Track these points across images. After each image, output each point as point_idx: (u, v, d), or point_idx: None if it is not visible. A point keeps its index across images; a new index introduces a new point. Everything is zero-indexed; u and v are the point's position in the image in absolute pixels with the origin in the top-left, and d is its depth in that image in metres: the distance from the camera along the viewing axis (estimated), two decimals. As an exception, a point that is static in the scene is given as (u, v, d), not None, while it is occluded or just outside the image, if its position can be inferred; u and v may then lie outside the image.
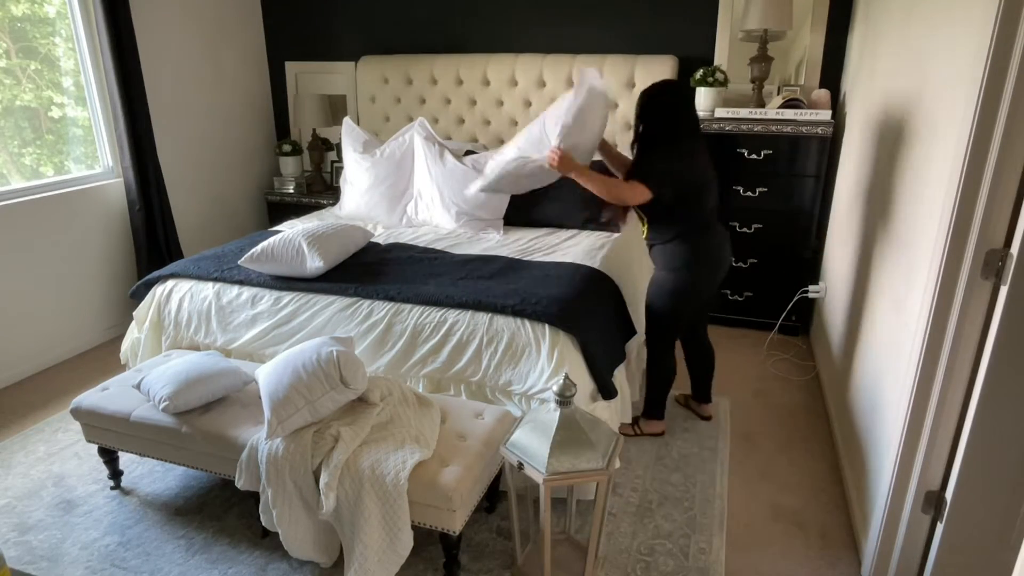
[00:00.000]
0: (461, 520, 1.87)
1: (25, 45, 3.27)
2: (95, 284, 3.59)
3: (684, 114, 2.38)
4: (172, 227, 3.83)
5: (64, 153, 3.50)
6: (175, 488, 2.43)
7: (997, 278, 1.56)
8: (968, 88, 1.58)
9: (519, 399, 2.28)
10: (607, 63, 3.69)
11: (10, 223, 3.13)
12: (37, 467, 2.56)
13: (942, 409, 1.71)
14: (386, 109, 4.25)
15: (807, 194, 3.37)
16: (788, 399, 3.04)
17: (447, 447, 1.96)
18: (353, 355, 1.99)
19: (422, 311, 2.41)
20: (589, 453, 1.75)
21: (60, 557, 2.11)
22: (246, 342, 2.60)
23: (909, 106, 2.15)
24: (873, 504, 2.02)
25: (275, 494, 1.92)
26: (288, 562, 2.06)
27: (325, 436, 1.92)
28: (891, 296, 2.11)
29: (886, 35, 2.60)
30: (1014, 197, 1.52)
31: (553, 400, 1.81)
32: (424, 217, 3.49)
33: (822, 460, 2.60)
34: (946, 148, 1.72)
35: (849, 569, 2.07)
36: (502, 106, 3.99)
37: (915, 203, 1.96)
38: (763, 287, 3.59)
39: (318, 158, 4.43)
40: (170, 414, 2.14)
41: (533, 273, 2.61)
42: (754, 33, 3.41)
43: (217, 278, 2.71)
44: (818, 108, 3.30)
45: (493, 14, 4.02)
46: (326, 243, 2.66)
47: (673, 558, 2.09)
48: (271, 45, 4.58)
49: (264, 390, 1.95)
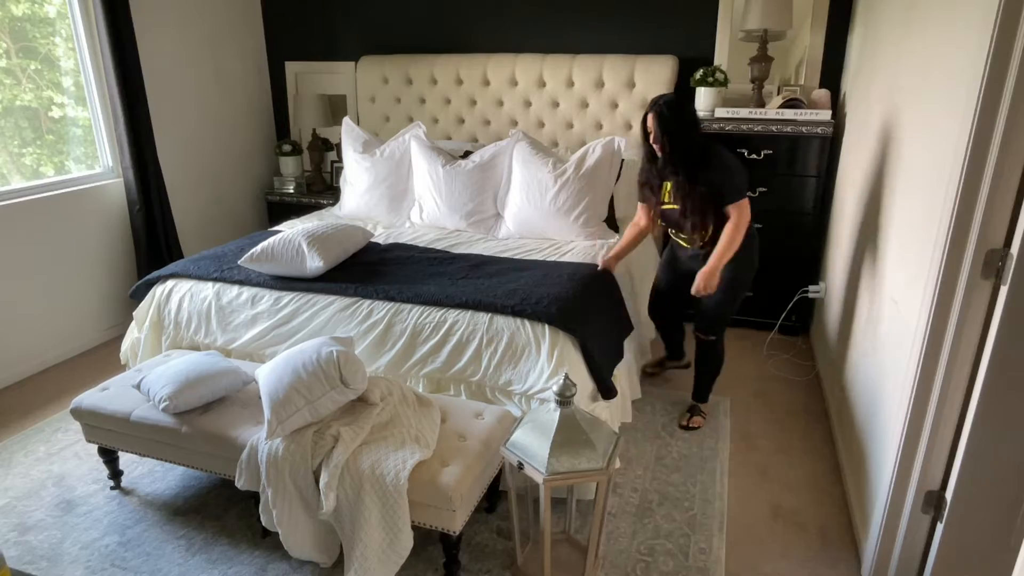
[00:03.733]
0: (461, 520, 1.87)
1: (25, 45, 3.27)
2: (95, 284, 3.59)
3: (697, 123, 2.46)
4: (172, 227, 3.83)
5: (64, 153, 3.50)
6: (175, 488, 2.43)
7: (997, 278, 1.56)
8: (968, 88, 1.58)
9: (519, 399, 2.28)
10: (607, 63, 3.69)
11: (10, 223, 3.13)
12: (37, 467, 2.56)
13: (942, 409, 1.71)
14: (386, 109, 4.25)
15: (807, 194, 3.37)
16: (788, 399, 3.04)
17: (447, 447, 1.96)
18: (353, 355, 1.99)
19: (422, 311, 2.41)
20: (589, 453, 1.75)
21: (60, 557, 2.11)
22: (246, 342, 2.60)
23: (909, 106, 2.15)
24: (873, 504, 2.02)
25: (275, 494, 1.92)
26: (288, 562, 2.06)
27: (325, 436, 1.92)
28: (891, 296, 2.11)
29: (886, 35, 2.60)
30: (1014, 197, 1.52)
31: (553, 400, 1.81)
32: (424, 218, 3.49)
33: (822, 460, 2.60)
34: (946, 148, 1.72)
35: (849, 569, 2.07)
36: (502, 106, 3.99)
37: (915, 203, 1.96)
38: (763, 287, 3.58)
39: (318, 158, 4.43)
40: (170, 414, 2.14)
41: (533, 273, 2.61)
42: (754, 33, 3.41)
43: (217, 278, 2.71)
44: (818, 108, 3.30)
45: (493, 14, 4.02)
46: (326, 243, 2.66)
47: (673, 558, 2.09)
48: (271, 45, 4.58)
49: (264, 390, 1.95)
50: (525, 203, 3.25)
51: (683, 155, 2.41)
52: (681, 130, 2.38)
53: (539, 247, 3.08)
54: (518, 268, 2.70)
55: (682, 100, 2.42)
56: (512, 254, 2.98)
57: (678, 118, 2.37)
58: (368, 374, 2.10)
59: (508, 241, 3.23)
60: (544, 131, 3.93)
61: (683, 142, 2.39)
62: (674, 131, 2.38)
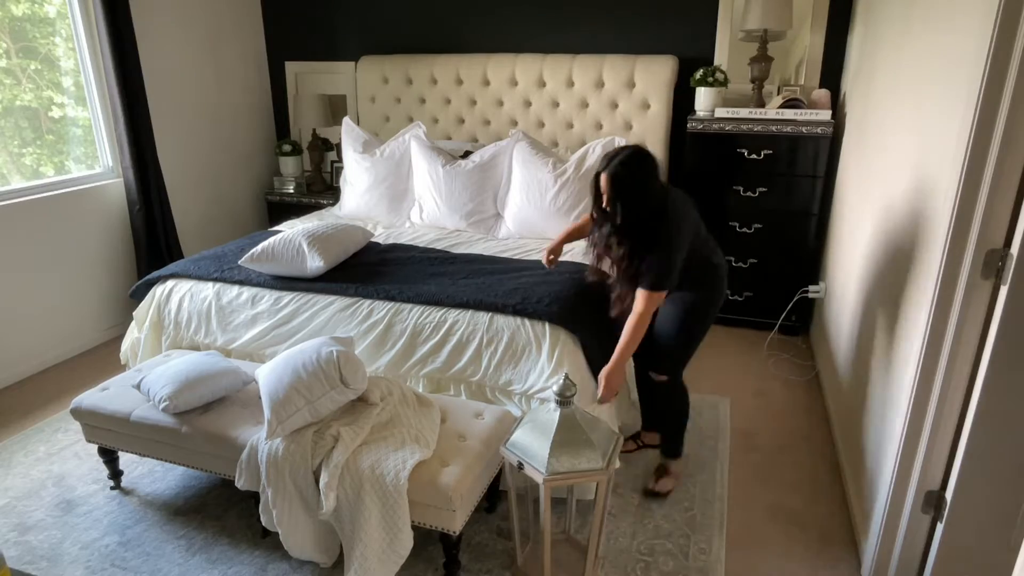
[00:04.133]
0: (461, 520, 1.87)
1: (25, 45, 3.27)
2: (95, 284, 3.59)
3: (657, 181, 2.04)
4: (172, 227, 3.83)
5: (64, 153, 3.50)
6: (175, 488, 2.43)
7: (997, 278, 1.56)
8: (968, 88, 1.58)
9: (519, 399, 2.28)
10: (607, 63, 3.69)
11: (10, 223, 3.13)
12: (37, 467, 2.56)
13: (942, 409, 1.71)
14: (386, 109, 4.25)
15: (807, 194, 3.37)
16: (788, 399, 3.04)
17: (447, 447, 1.96)
18: (353, 355, 1.99)
19: (422, 311, 2.41)
20: (589, 453, 1.75)
21: (60, 557, 2.11)
22: (246, 342, 2.60)
23: (909, 106, 2.15)
24: (873, 504, 2.02)
25: (275, 494, 1.92)
26: (288, 562, 2.06)
27: (325, 436, 1.92)
28: (891, 296, 2.11)
29: (886, 34, 2.60)
30: (1014, 197, 1.52)
31: (553, 400, 1.81)
32: (424, 218, 3.49)
33: (822, 460, 2.60)
34: (946, 148, 1.72)
35: (849, 569, 2.07)
36: (502, 106, 3.99)
37: (915, 203, 1.96)
38: (763, 287, 3.58)
39: (318, 158, 4.43)
40: (170, 414, 2.14)
41: (533, 273, 2.61)
42: (754, 33, 3.41)
43: (217, 278, 2.71)
44: (818, 108, 3.30)
45: (493, 14, 4.02)
46: (326, 243, 2.66)
47: (673, 558, 2.09)
48: (271, 45, 4.58)
49: (264, 390, 1.95)
50: (525, 203, 3.25)
51: (633, 230, 2.03)
52: (637, 198, 2.00)
53: (539, 247, 3.08)
54: (518, 268, 2.70)
55: (641, 159, 2.01)
56: (512, 254, 2.98)
57: (636, 183, 1.99)
58: (368, 374, 2.10)
59: (508, 241, 3.23)
60: (544, 131, 3.93)
61: (637, 213, 2.01)
62: (628, 199, 1.99)
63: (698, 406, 2.89)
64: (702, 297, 2.21)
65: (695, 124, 3.43)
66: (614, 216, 2.03)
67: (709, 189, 3.49)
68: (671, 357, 2.29)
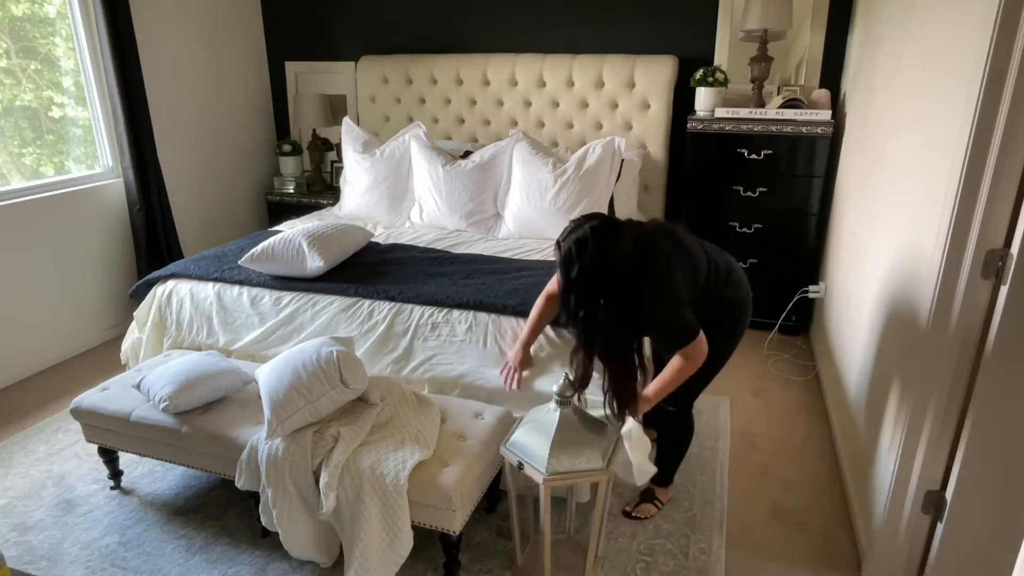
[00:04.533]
0: (461, 520, 1.87)
1: (25, 45, 3.27)
2: (95, 284, 3.59)
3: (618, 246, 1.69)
4: (172, 227, 3.83)
5: (64, 153, 3.50)
6: (175, 488, 2.43)
7: (997, 278, 1.56)
8: (968, 88, 1.58)
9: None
10: (607, 63, 3.69)
11: (10, 223, 3.13)
12: (37, 467, 2.56)
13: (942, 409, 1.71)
14: (386, 109, 4.25)
15: (807, 194, 3.37)
16: (788, 399, 3.04)
17: (447, 447, 1.96)
18: (353, 355, 1.99)
19: (423, 311, 2.41)
20: (589, 453, 1.75)
21: (60, 557, 2.11)
22: (247, 343, 2.60)
23: (909, 106, 2.15)
24: (873, 504, 2.02)
25: (275, 494, 1.92)
26: (288, 562, 2.06)
27: (325, 436, 1.92)
28: (891, 296, 2.11)
29: (886, 35, 2.60)
30: (1014, 197, 1.52)
31: (553, 400, 1.81)
32: (424, 218, 3.49)
33: (822, 460, 2.60)
34: (946, 148, 1.72)
35: (849, 569, 2.07)
36: (502, 106, 3.99)
37: (915, 203, 1.96)
38: (763, 287, 3.57)
39: (318, 158, 4.43)
40: (170, 414, 2.14)
41: (534, 273, 2.61)
42: (754, 33, 3.41)
43: (217, 278, 2.71)
44: (818, 108, 3.30)
45: (493, 14, 4.02)
46: (326, 243, 2.66)
47: (673, 558, 2.09)
48: (271, 45, 4.58)
49: (264, 390, 1.95)
50: (525, 203, 3.25)
51: (617, 312, 1.74)
52: (611, 280, 1.69)
53: (539, 247, 3.08)
54: (518, 268, 2.70)
55: (602, 243, 1.65)
56: (512, 254, 2.98)
57: (593, 273, 1.66)
58: (368, 374, 2.10)
59: (508, 241, 3.23)
60: (544, 131, 3.93)
61: (617, 301, 1.71)
62: (583, 291, 1.70)
63: (698, 406, 2.86)
64: (717, 339, 1.97)
65: (695, 124, 3.43)
66: (566, 304, 1.74)
67: (709, 189, 3.49)
68: (684, 390, 2.03)
